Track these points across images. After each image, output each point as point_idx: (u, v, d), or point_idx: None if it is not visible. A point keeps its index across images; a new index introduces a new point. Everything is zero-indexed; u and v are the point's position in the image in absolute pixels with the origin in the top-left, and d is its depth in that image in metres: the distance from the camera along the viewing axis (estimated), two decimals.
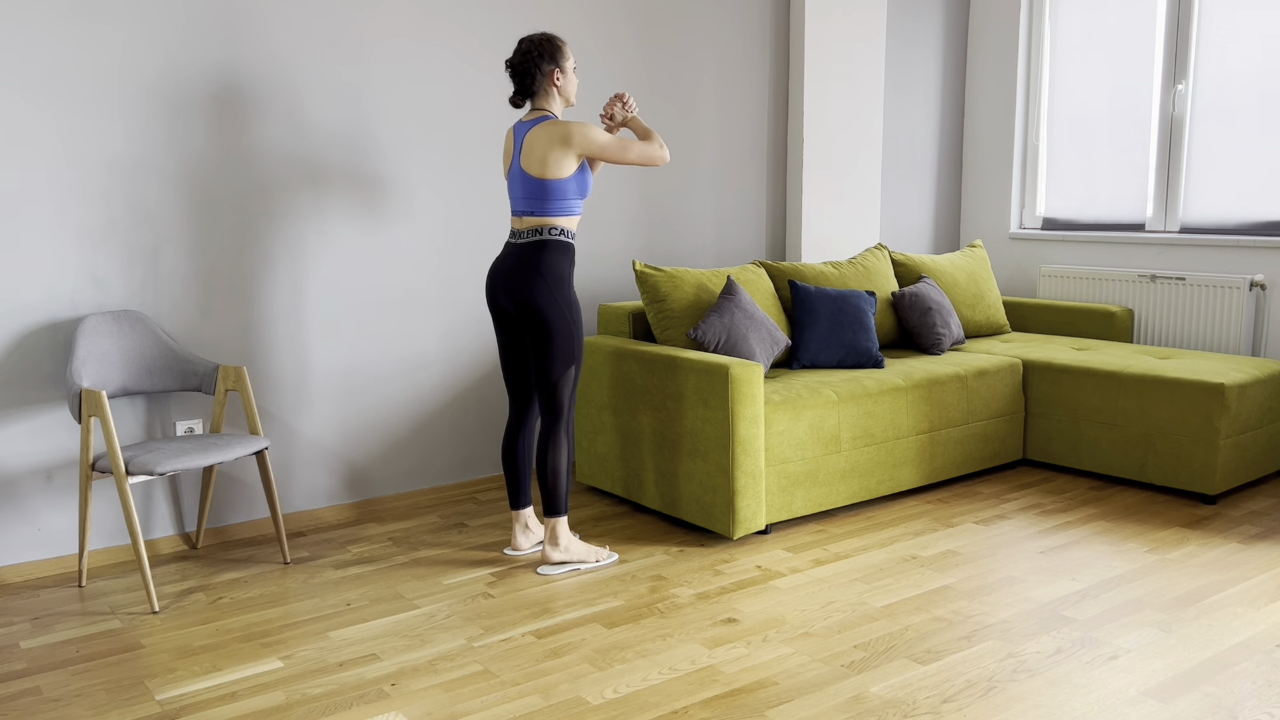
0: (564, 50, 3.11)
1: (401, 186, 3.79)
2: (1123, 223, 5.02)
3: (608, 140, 3.06)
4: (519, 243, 3.13)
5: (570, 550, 3.22)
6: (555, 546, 3.21)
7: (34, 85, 3.08)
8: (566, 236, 3.13)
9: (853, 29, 4.85)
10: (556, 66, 3.09)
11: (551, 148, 3.02)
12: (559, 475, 3.18)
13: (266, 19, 3.44)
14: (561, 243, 3.12)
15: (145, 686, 2.49)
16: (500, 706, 2.36)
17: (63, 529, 3.28)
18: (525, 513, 3.38)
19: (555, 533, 3.21)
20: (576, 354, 3.15)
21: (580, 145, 3.03)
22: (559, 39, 3.13)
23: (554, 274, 3.10)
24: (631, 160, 3.11)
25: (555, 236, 3.11)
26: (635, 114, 3.30)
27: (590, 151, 3.05)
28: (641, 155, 3.12)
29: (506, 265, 3.14)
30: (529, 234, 3.12)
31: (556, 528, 3.21)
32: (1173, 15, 4.70)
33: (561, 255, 3.12)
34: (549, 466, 3.17)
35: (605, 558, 3.28)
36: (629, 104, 3.27)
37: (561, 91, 3.13)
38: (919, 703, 2.35)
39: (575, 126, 3.02)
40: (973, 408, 4.06)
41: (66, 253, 3.18)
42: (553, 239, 3.10)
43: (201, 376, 3.31)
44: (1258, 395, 3.89)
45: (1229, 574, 3.12)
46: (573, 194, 3.10)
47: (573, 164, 3.05)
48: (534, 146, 3.05)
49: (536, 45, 3.07)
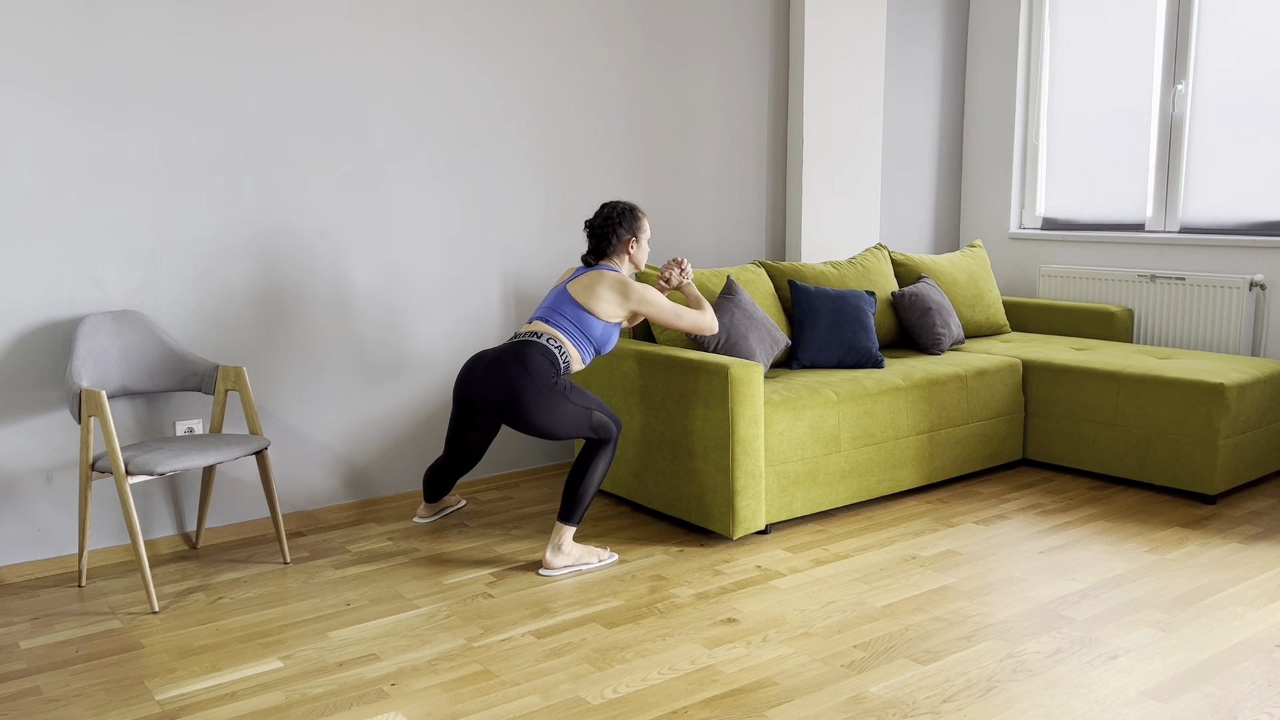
0: (642, 222, 3.20)
1: (402, 186, 3.79)
2: (1122, 223, 5.02)
3: (663, 305, 3.15)
4: (512, 340, 3.09)
5: (570, 554, 3.22)
6: (558, 552, 3.19)
7: (34, 85, 3.08)
8: (560, 354, 3.07)
9: (853, 29, 4.85)
10: (633, 237, 3.18)
11: (609, 289, 3.09)
12: (589, 489, 3.16)
13: (267, 16, 3.44)
14: (550, 351, 3.05)
15: (145, 686, 2.49)
16: (500, 706, 2.36)
17: (63, 529, 3.28)
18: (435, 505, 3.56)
19: (561, 539, 3.19)
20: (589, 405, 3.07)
21: (636, 302, 3.10)
22: (640, 210, 3.22)
23: (542, 375, 3.01)
24: (682, 327, 3.22)
25: (549, 345, 3.05)
26: (690, 281, 3.37)
27: (644, 311, 3.13)
28: (693, 324, 3.22)
29: (488, 356, 3.07)
30: (526, 334, 3.09)
31: (564, 534, 3.19)
32: (1173, 15, 4.70)
33: (548, 362, 3.03)
34: (585, 478, 3.14)
35: (605, 558, 3.28)
36: (686, 270, 3.35)
37: (633, 259, 3.21)
38: (919, 703, 2.35)
39: (636, 285, 3.11)
40: (972, 408, 4.06)
41: (66, 253, 3.19)
42: (544, 344, 3.05)
43: (201, 376, 3.31)
44: (1257, 395, 3.89)
45: (1229, 574, 3.12)
46: (594, 336, 3.11)
47: (617, 314, 3.11)
48: (592, 280, 3.11)
49: (619, 214, 3.16)
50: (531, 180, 4.11)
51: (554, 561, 3.19)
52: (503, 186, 4.04)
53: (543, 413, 3.01)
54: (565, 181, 4.21)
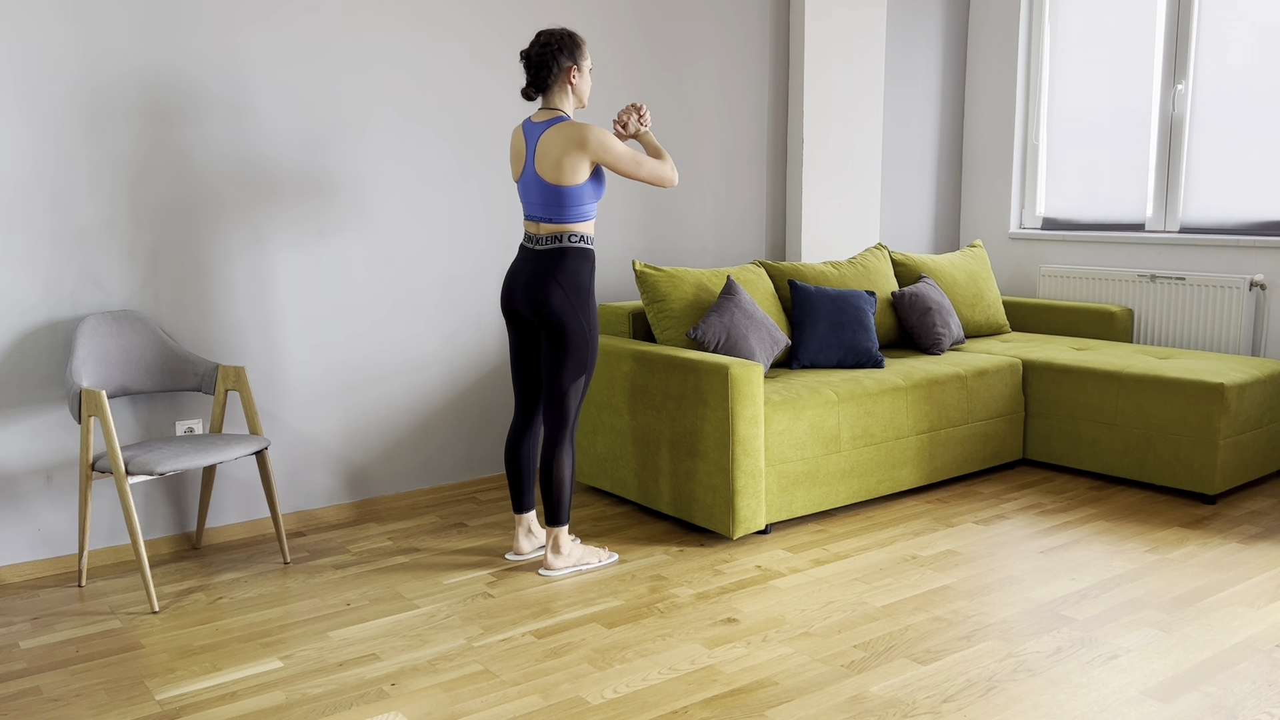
0: (583, 49, 3.03)
1: (402, 186, 3.79)
2: (1123, 223, 5.02)
3: (623, 151, 2.98)
4: (538, 249, 3.07)
5: (571, 556, 3.22)
6: (557, 554, 3.20)
7: (34, 84, 3.08)
8: (586, 243, 3.06)
9: (853, 29, 4.85)
10: (574, 64, 3.00)
11: (567, 152, 2.93)
12: (563, 485, 3.16)
13: (266, 19, 3.44)
14: (582, 250, 3.06)
15: (145, 686, 2.49)
16: (500, 706, 2.36)
17: (63, 529, 3.28)
18: (528, 517, 3.35)
19: (557, 541, 3.20)
20: (589, 365, 3.12)
21: (596, 152, 2.94)
22: (579, 36, 3.04)
23: (574, 283, 3.05)
24: (642, 177, 3.04)
25: (575, 244, 3.05)
26: (649, 128, 3.23)
27: (604, 160, 2.97)
28: (653, 173, 3.05)
29: (526, 271, 3.08)
30: (547, 240, 3.04)
31: (559, 537, 3.20)
32: (1172, 15, 4.70)
33: (582, 263, 3.07)
34: (554, 476, 3.15)
35: (605, 558, 3.28)
36: (644, 116, 3.19)
37: (576, 90, 3.04)
38: (919, 703, 2.35)
39: (591, 131, 2.93)
40: (972, 408, 4.06)
41: (66, 253, 3.19)
42: (573, 246, 3.04)
43: (201, 376, 3.31)
44: (1257, 395, 3.89)
45: (1229, 574, 3.12)
46: (589, 199, 3.04)
47: (588, 170, 2.98)
48: (549, 150, 2.96)
49: (556, 39, 2.97)
50: None
51: (555, 563, 3.19)
52: (503, 186, 4.04)
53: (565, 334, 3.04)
54: None
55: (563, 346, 3.06)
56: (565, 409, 3.12)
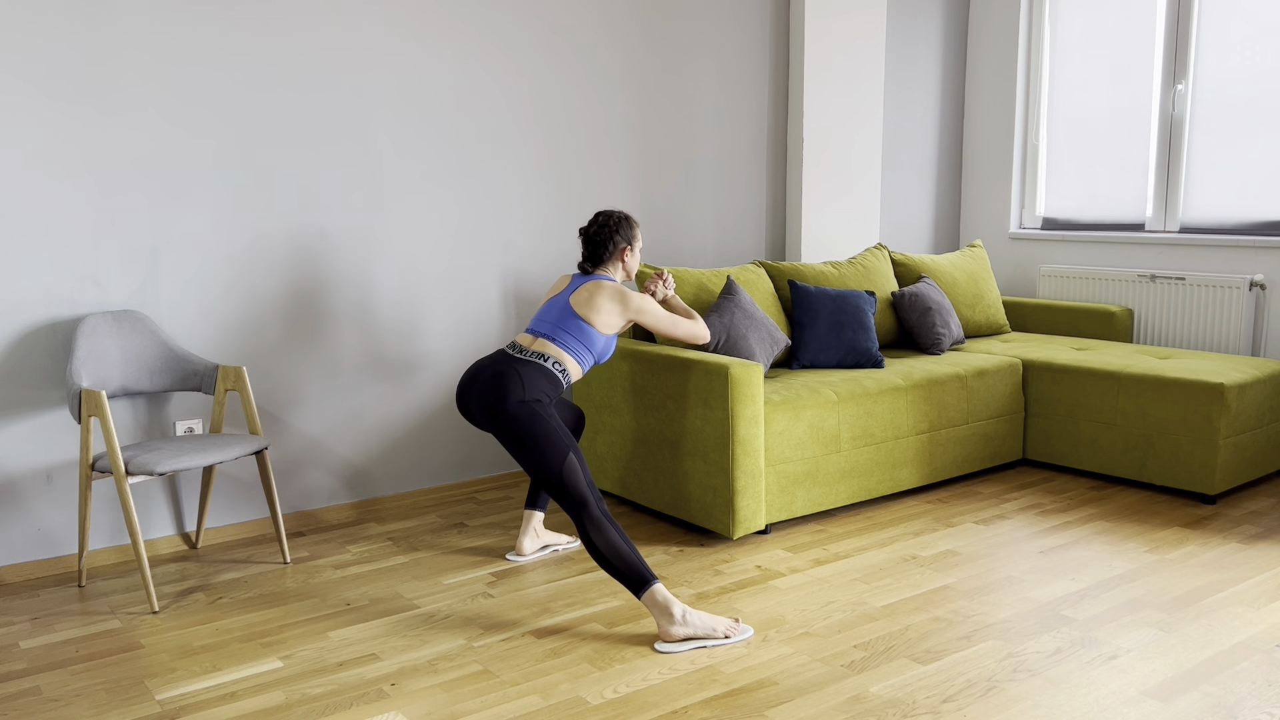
0: (636, 231, 3.19)
1: (402, 186, 3.79)
2: (1122, 223, 5.02)
3: (662, 315, 3.16)
4: (513, 355, 2.98)
5: (689, 622, 2.69)
6: (670, 620, 2.69)
7: (34, 84, 3.08)
8: (563, 376, 3.01)
9: (853, 29, 4.85)
10: (629, 245, 3.17)
11: (609, 300, 3.06)
12: (619, 552, 2.72)
13: (269, 17, 3.44)
14: (553, 375, 2.97)
15: (145, 686, 2.49)
16: (500, 706, 2.36)
17: (63, 529, 3.28)
18: (536, 515, 3.34)
19: (658, 605, 2.70)
20: (567, 441, 2.83)
21: (635, 312, 3.09)
22: (633, 219, 3.23)
23: (534, 387, 2.90)
24: (678, 336, 3.22)
25: (553, 369, 2.98)
26: (673, 293, 3.39)
27: (642, 320, 3.12)
28: (688, 332, 3.23)
29: (488, 369, 2.94)
30: (530, 354, 2.97)
31: (655, 599, 2.70)
32: (1172, 15, 4.70)
33: (548, 383, 2.95)
34: (604, 553, 2.73)
35: (739, 633, 2.73)
36: (668, 281, 3.37)
37: (626, 266, 3.20)
38: (919, 703, 2.35)
39: (635, 296, 3.09)
40: (972, 408, 4.06)
41: (66, 253, 3.19)
42: (548, 368, 2.97)
43: (201, 376, 3.31)
44: (1257, 395, 3.89)
45: (1229, 574, 3.12)
46: (595, 349, 3.07)
47: (616, 324, 3.08)
48: (592, 292, 3.07)
49: (614, 222, 3.15)
50: (532, 179, 4.11)
51: (675, 632, 2.69)
52: (503, 186, 4.04)
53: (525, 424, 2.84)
54: (565, 181, 4.21)
55: (529, 440, 2.82)
56: (571, 494, 2.77)
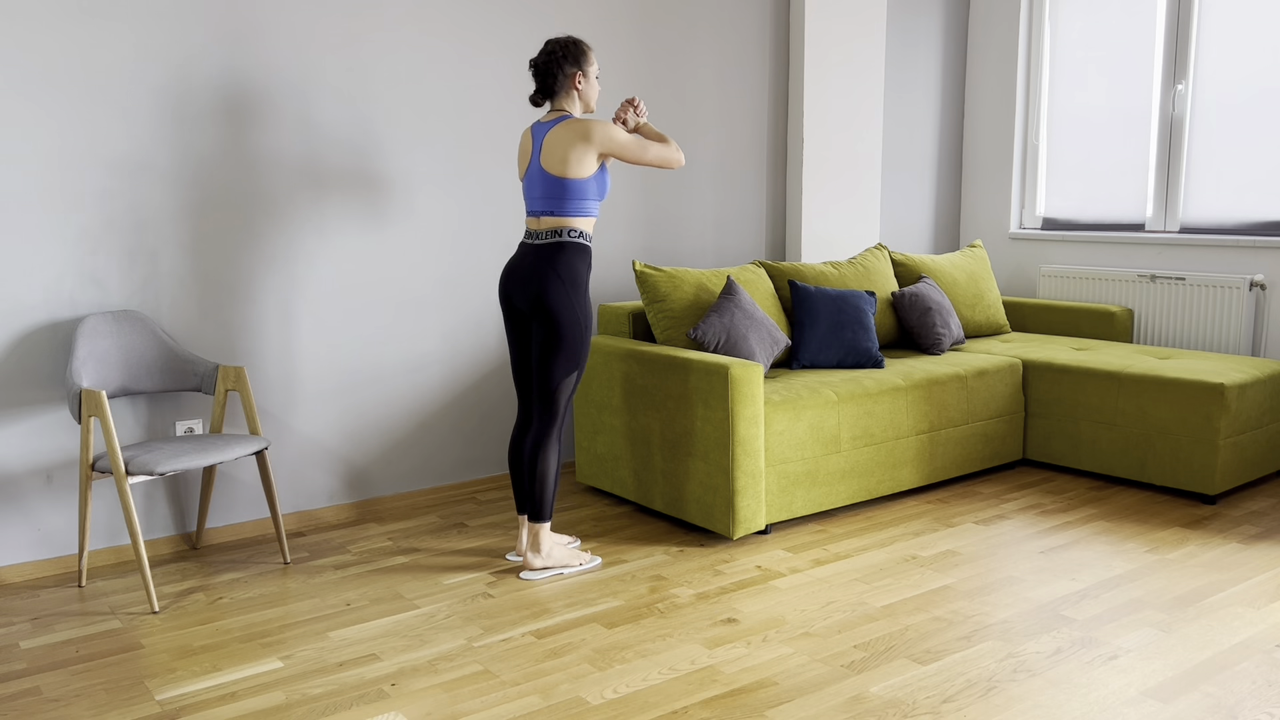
0: (589, 55, 3.12)
1: (402, 186, 3.79)
2: (1122, 223, 5.02)
3: (628, 139, 3.08)
4: (536, 244, 3.10)
5: (552, 556, 3.20)
6: (537, 553, 3.18)
7: (35, 83, 3.08)
8: (584, 239, 3.10)
9: (853, 29, 4.85)
10: (579, 70, 3.10)
11: (573, 146, 3.01)
12: (547, 480, 3.15)
13: (269, 21, 3.44)
14: (579, 245, 3.09)
15: (145, 686, 2.49)
16: (500, 706, 2.36)
17: (63, 529, 3.28)
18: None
19: (538, 539, 3.18)
20: (581, 360, 3.13)
21: (601, 143, 3.03)
22: (585, 44, 3.14)
23: (571, 277, 3.07)
24: (649, 160, 3.13)
25: (573, 239, 3.08)
26: (646, 119, 3.31)
27: (611, 149, 3.06)
28: (659, 156, 3.15)
29: (523, 265, 3.11)
30: (547, 235, 3.09)
31: (540, 534, 3.18)
32: (1173, 15, 4.70)
33: (579, 258, 3.09)
34: (539, 471, 3.14)
35: (587, 562, 3.25)
36: (640, 109, 3.27)
37: (582, 95, 3.13)
38: (919, 703, 2.35)
39: (596, 124, 3.02)
40: (972, 408, 4.06)
41: (66, 253, 3.19)
42: (571, 241, 3.08)
43: (201, 376, 3.31)
44: (1258, 395, 3.89)
45: (1229, 574, 3.12)
46: (592, 194, 3.09)
47: (593, 163, 3.05)
48: (555, 145, 3.04)
49: (562, 47, 3.08)
50: None
51: (535, 562, 3.18)
52: (503, 186, 4.04)
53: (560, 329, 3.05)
54: None
55: (556, 339, 3.07)
56: (555, 404, 3.12)
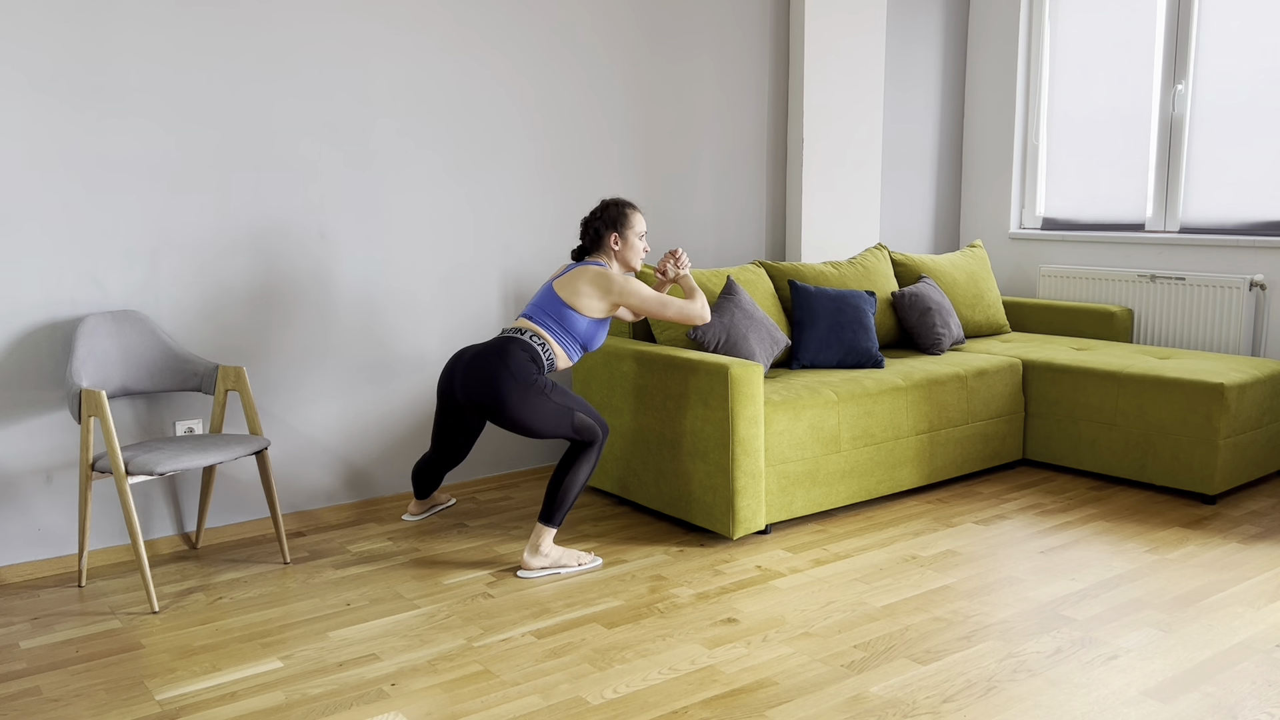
0: (630, 219, 3.16)
1: (402, 186, 3.79)
2: (1122, 223, 5.02)
3: (649, 296, 3.11)
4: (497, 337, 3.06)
5: (549, 557, 3.18)
6: (536, 553, 3.16)
7: (35, 84, 3.08)
8: (543, 351, 3.04)
9: (853, 29, 4.85)
10: (616, 233, 3.16)
11: (589, 284, 3.06)
12: (571, 491, 3.12)
13: (268, 15, 3.44)
14: (533, 349, 3.02)
15: (145, 686, 2.49)
16: (500, 706, 2.36)
17: (63, 529, 3.28)
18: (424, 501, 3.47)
19: (539, 540, 3.16)
20: (570, 403, 3.02)
21: (619, 295, 3.07)
22: (630, 208, 3.19)
23: (522, 370, 2.97)
24: (669, 317, 3.16)
25: (531, 341, 3.02)
26: (688, 271, 3.34)
27: (629, 304, 3.09)
28: (680, 313, 3.17)
29: (472, 349, 3.05)
30: (512, 330, 3.07)
31: (543, 536, 3.16)
32: (1173, 15, 4.70)
33: (530, 359, 3.01)
34: (567, 479, 3.10)
35: (587, 562, 3.23)
36: (681, 261, 3.32)
37: (619, 256, 3.18)
38: (919, 703, 2.35)
39: (619, 278, 3.05)
40: (972, 408, 4.06)
41: (66, 253, 3.19)
42: (526, 340, 3.02)
43: (201, 376, 3.31)
44: (1258, 395, 3.89)
45: (1229, 574, 3.12)
46: (579, 333, 3.08)
47: (599, 309, 3.07)
48: (575, 277, 3.09)
49: (603, 209, 3.15)
50: (531, 179, 4.11)
51: (531, 562, 3.16)
52: (503, 186, 4.04)
53: (521, 408, 2.97)
54: (565, 181, 4.21)
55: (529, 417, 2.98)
56: (583, 432, 3.08)
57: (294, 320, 3.61)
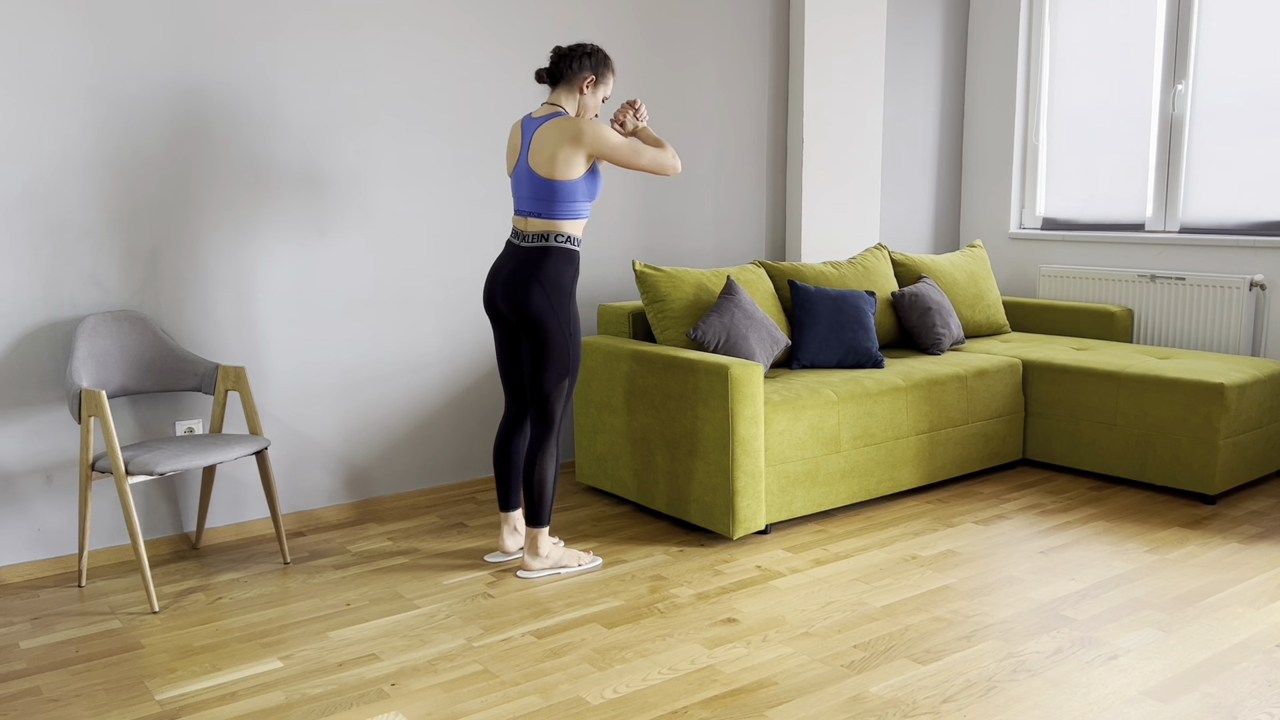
0: (608, 71, 3.07)
1: (402, 185, 3.79)
2: (1122, 223, 5.02)
3: (620, 142, 2.98)
4: (523, 246, 3.05)
5: (550, 557, 3.19)
6: (535, 556, 3.17)
7: (34, 84, 3.08)
8: (572, 244, 3.04)
9: (853, 29, 4.85)
10: (593, 75, 3.04)
11: (561, 145, 2.93)
12: (545, 486, 3.13)
13: (269, 13, 3.44)
14: (566, 251, 3.03)
15: (145, 686, 2.49)
16: (500, 706, 2.36)
17: (63, 529, 3.28)
18: (514, 515, 3.35)
19: (535, 543, 3.17)
20: (572, 366, 3.09)
21: (591, 144, 2.94)
22: (612, 61, 3.11)
23: (555, 284, 3.02)
24: (643, 166, 3.03)
25: (561, 244, 3.02)
26: (646, 123, 3.23)
27: (601, 152, 2.96)
28: (653, 161, 3.05)
29: (506, 269, 3.06)
30: (534, 238, 3.02)
31: (537, 538, 3.17)
32: (1173, 15, 4.70)
33: (565, 264, 3.03)
34: (536, 476, 3.12)
35: (588, 562, 3.24)
36: (640, 112, 3.18)
37: (583, 102, 3.06)
38: (919, 703, 2.35)
39: (587, 124, 2.94)
40: (972, 408, 4.06)
41: (66, 253, 3.19)
42: (558, 246, 3.02)
43: (201, 376, 3.31)
44: (1257, 395, 3.89)
45: (1229, 574, 3.12)
46: (582, 196, 3.01)
47: (583, 164, 2.96)
48: (543, 144, 2.96)
49: (590, 49, 3.04)
50: None
51: (532, 564, 3.17)
52: (503, 186, 4.04)
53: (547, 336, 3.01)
54: None
55: (543, 349, 3.04)
56: (549, 411, 3.09)
57: (294, 320, 3.61)
